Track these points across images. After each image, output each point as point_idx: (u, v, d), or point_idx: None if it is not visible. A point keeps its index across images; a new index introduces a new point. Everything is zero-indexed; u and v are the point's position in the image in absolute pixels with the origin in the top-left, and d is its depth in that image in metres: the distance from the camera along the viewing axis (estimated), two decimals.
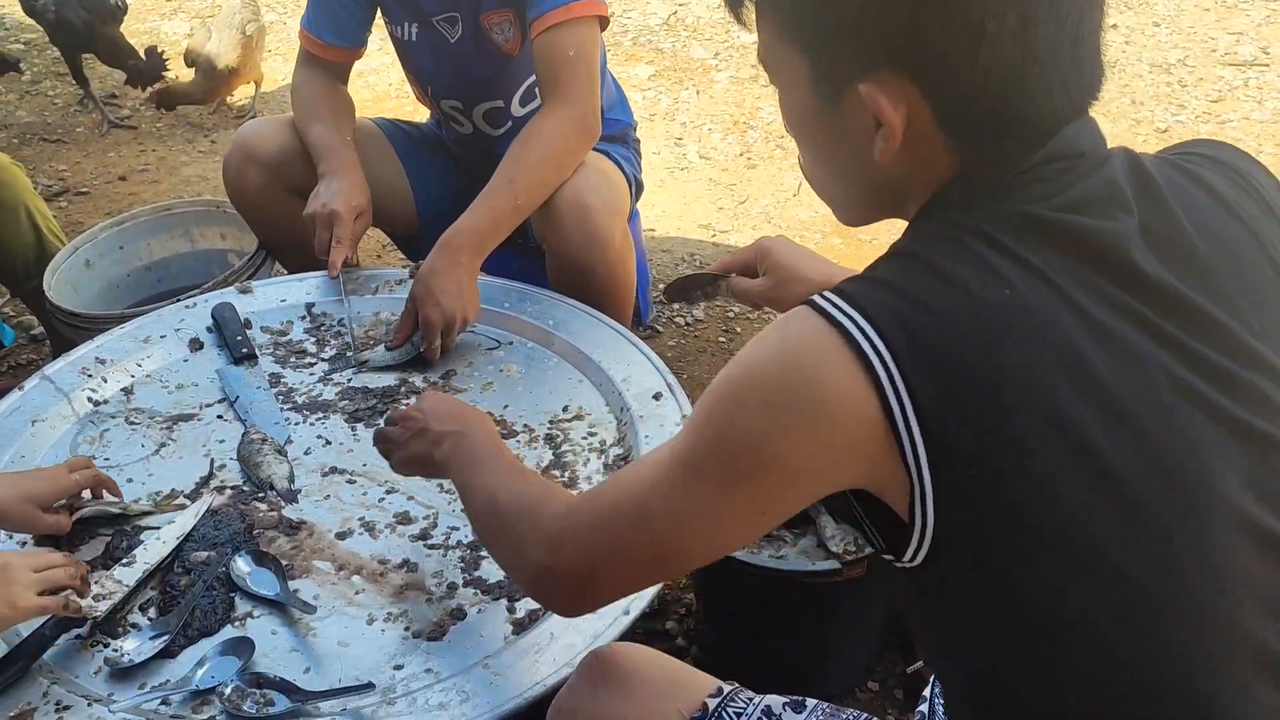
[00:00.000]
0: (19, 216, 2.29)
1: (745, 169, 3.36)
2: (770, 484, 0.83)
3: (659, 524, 0.88)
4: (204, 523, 1.49)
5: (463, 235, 1.80)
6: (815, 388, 0.79)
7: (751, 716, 1.01)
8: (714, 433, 0.84)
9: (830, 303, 0.80)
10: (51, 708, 1.22)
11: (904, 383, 0.76)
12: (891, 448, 0.78)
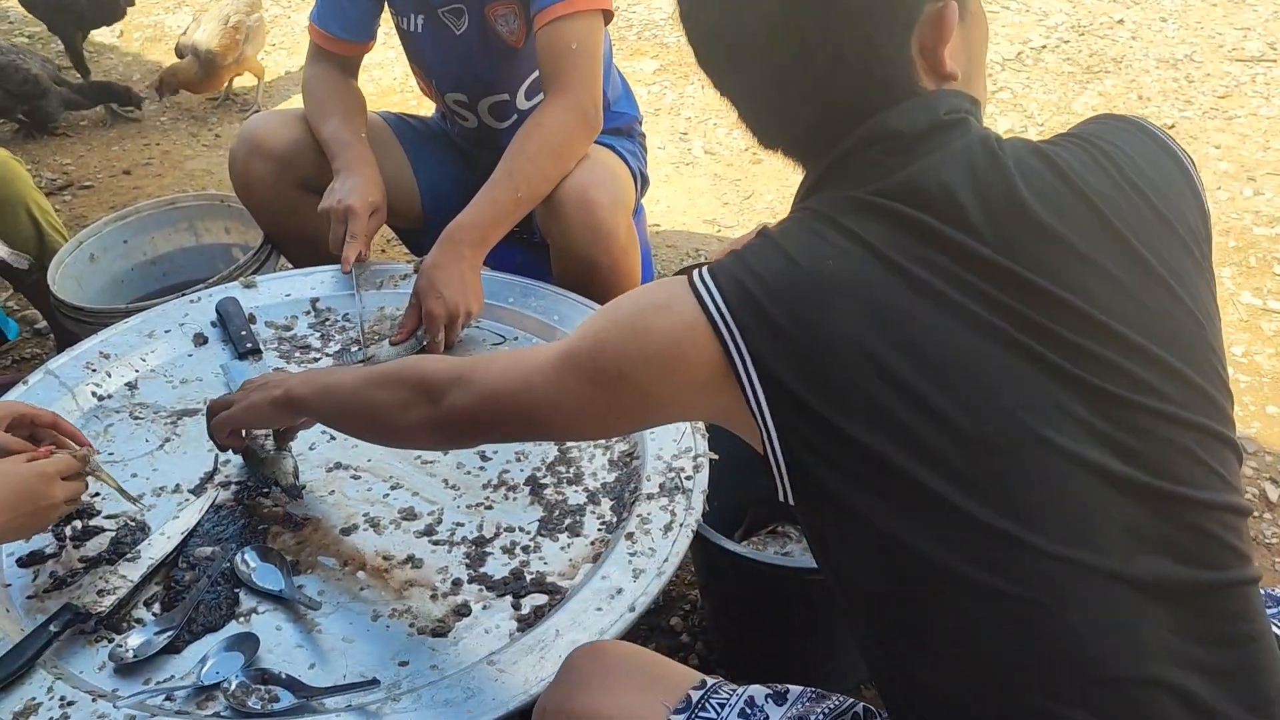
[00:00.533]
0: (19, 213, 2.28)
1: (750, 164, 3.35)
2: (624, 393, 0.99)
3: (534, 396, 1.06)
4: (208, 518, 1.49)
5: (465, 229, 1.80)
6: (670, 333, 0.95)
7: (735, 708, 1.02)
8: (594, 341, 1.01)
9: (698, 271, 0.96)
10: (56, 703, 1.21)
11: (741, 337, 0.91)
12: (736, 393, 0.92)
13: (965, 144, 0.94)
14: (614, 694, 1.03)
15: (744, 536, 1.94)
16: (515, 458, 1.59)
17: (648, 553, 1.38)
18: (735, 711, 1.02)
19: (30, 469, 1.30)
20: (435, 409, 1.15)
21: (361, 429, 1.31)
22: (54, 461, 1.33)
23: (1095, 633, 0.86)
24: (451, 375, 1.14)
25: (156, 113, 3.87)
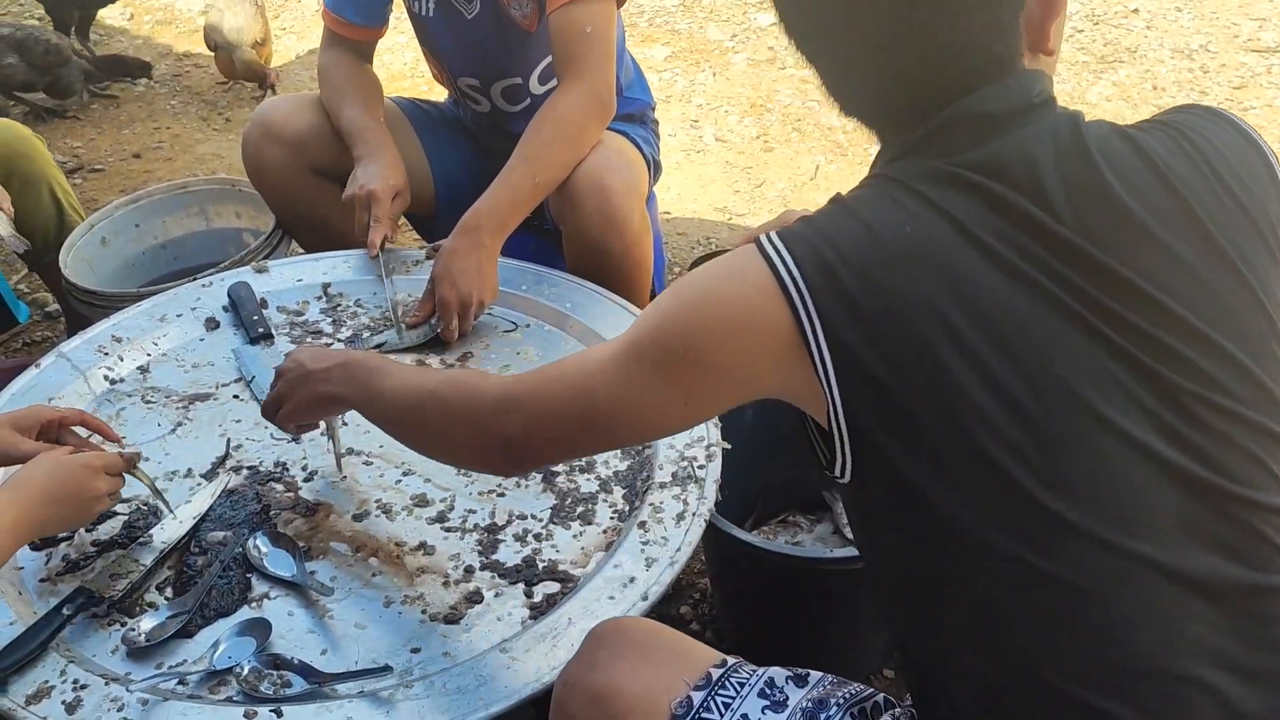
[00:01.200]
0: (41, 190, 2.28)
1: (762, 152, 3.33)
2: (696, 374, 0.95)
3: (596, 398, 1.01)
4: (220, 503, 1.49)
5: (483, 216, 1.79)
6: (740, 299, 0.92)
7: (755, 687, 1.02)
8: (655, 323, 0.98)
9: (768, 239, 0.93)
10: (69, 686, 1.21)
11: (813, 302, 0.88)
12: (805, 361, 0.90)
13: (1052, 123, 0.92)
14: (635, 669, 1.03)
15: (755, 526, 1.93)
16: None
17: (660, 541, 1.38)
18: (755, 691, 1.02)
19: (75, 460, 1.31)
20: (489, 439, 1.10)
21: (416, 448, 1.26)
22: (99, 455, 1.35)
23: (1138, 624, 0.86)
24: (499, 399, 1.09)
25: (166, 96, 3.86)
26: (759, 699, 1.02)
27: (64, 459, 1.31)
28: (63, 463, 1.30)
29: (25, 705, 1.19)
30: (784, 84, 3.65)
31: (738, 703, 1.01)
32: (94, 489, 1.31)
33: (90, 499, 1.31)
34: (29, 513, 1.25)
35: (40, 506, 1.26)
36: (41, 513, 1.26)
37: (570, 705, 1.05)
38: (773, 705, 1.01)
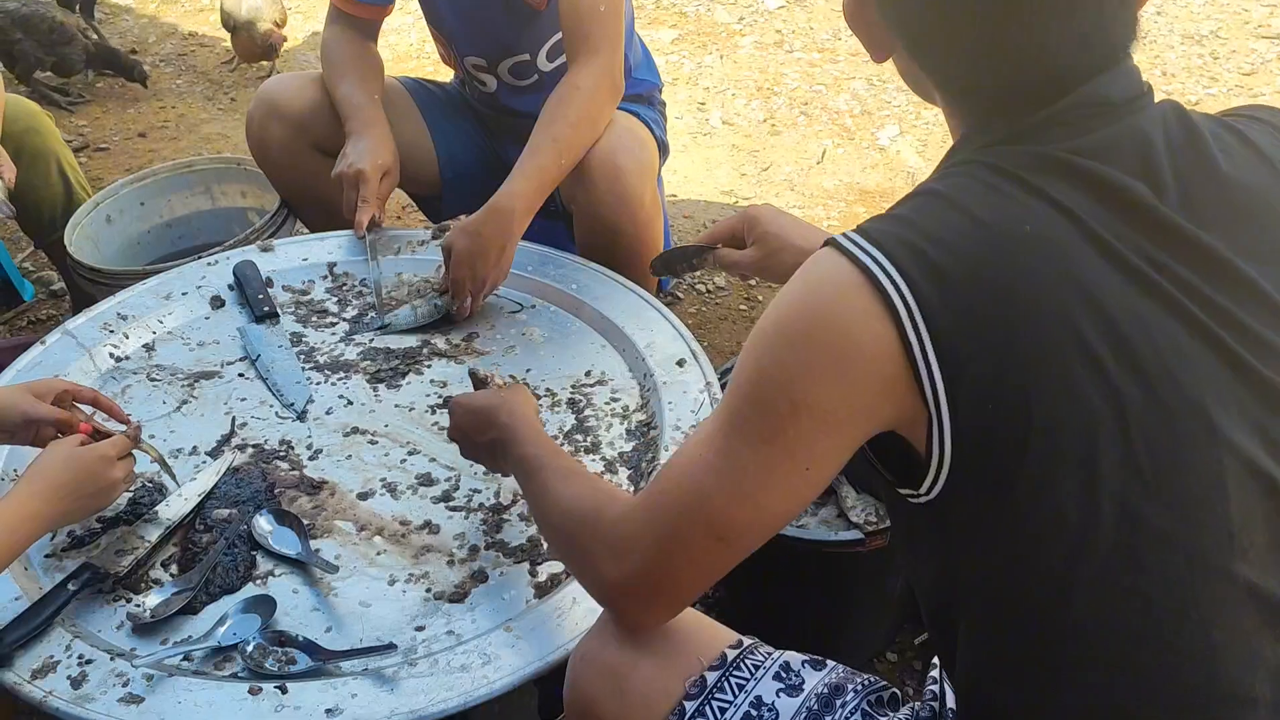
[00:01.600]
0: (50, 165, 2.28)
1: (769, 135, 3.32)
2: (807, 430, 0.84)
3: (710, 498, 0.88)
4: (225, 481, 1.49)
5: (515, 198, 1.76)
6: (837, 323, 0.82)
7: (770, 670, 1.02)
8: (746, 384, 0.87)
9: (851, 241, 0.83)
10: (74, 661, 1.22)
11: (921, 315, 0.79)
12: (911, 382, 0.80)
13: (1160, 109, 0.88)
14: (650, 648, 1.01)
15: None
16: None
17: None
18: (770, 674, 1.01)
19: (90, 453, 1.32)
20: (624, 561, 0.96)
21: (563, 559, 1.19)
22: (111, 444, 1.35)
23: (1227, 647, 0.82)
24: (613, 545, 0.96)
25: (171, 75, 3.85)
26: (774, 681, 1.01)
27: (79, 452, 1.31)
28: (78, 455, 1.30)
29: (31, 679, 1.20)
30: (791, 67, 3.63)
31: (752, 685, 1.00)
32: (111, 479, 1.32)
33: (108, 488, 1.32)
34: (50, 505, 1.26)
35: (61, 500, 1.27)
36: (62, 505, 1.27)
37: (584, 680, 1.04)
38: (788, 689, 1.00)
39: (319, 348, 1.76)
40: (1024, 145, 0.85)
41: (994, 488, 0.82)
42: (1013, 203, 0.82)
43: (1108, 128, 0.85)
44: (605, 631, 1.05)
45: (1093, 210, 0.82)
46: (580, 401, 1.63)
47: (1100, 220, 0.82)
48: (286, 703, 1.18)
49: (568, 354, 1.74)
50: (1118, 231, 0.82)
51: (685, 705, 0.99)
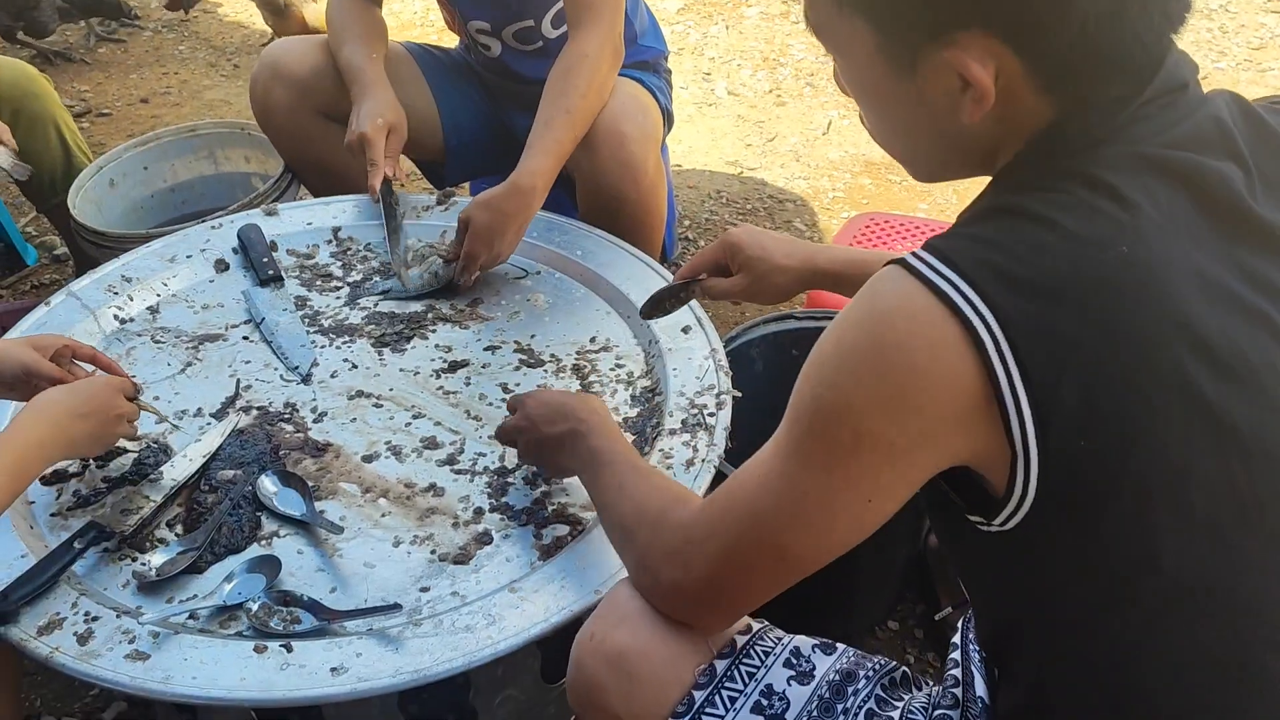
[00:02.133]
0: (48, 130, 2.27)
1: (774, 106, 3.30)
2: (869, 462, 0.79)
3: (770, 520, 0.86)
4: (230, 442, 1.49)
5: (536, 175, 1.74)
6: (909, 357, 0.75)
7: (780, 657, 1.00)
8: (806, 413, 0.81)
9: (923, 262, 0.75)
10: (80, 618, 1.22)
11: (1010, 348, 0.72)
12: (993, 419, 0.74)
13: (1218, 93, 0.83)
14: (660, 630, 0.98)
15: None
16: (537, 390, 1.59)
17: None
18: (780, 661, 0.99)
19: (96, 379, 1.34)
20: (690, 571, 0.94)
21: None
22: (115, 378, 1.37)
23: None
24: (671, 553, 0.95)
25: (174, 41, 3.83)
26: (784, 669, 0.99)
27: (83, 381, 1.33)
28: (82, 383, 1.32)
29: (37, 636, 1.20)
30: (797, 38, 3.61)
31: (762, 673, 0.98)
32: (117, 405, 1.32)
33: (114, 416, 1.32)
34: (57, 428, 1.25)
35: (68, 421, 1.26)
36: (70, 428, 1.26)
37: (591, 663, 1.00)
38: (798, 676, 0.99)
39: (324, 311, 1.76)
40: (1116, 145, 0.78)
41: (1080, 523, 0.77)
42: (1106, 219, 0.75)
43: (1191, 116, 0.79)
44: (612, 613, 1.01)
45: (1189, 218, 0.76)
46: (585, 368, 1.63)
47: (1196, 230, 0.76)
48: (291, 661, 1.18)
49: (572, 320, 1.73)
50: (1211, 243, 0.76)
51: (695, 695, 0.97)
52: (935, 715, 0.99)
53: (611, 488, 1.10)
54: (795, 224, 2.78)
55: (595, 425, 1.20)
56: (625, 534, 1.05)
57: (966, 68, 0.78)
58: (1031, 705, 0.90)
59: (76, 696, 1.68)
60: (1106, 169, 0.76)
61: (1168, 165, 0.77)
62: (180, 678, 1.16)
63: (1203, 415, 0.74)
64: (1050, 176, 0.78)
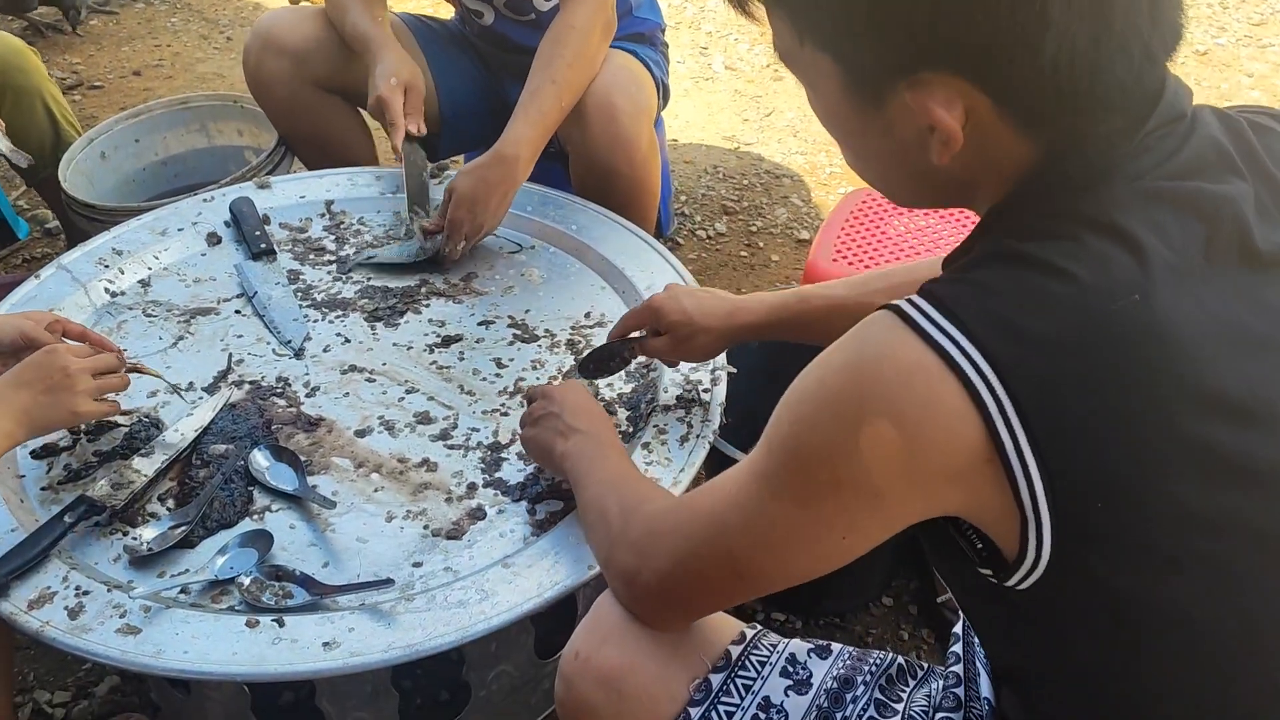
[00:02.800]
0: (34, 104, 2.25)
1: (771, 81, 3.28)
2: (848, 505, 0.75)
3: (733, 538, 0.83)
4: (222, 417, 1.48)
5: (521, 145, 1.74)
6: (901, 415, 0.70)
7: (776, 666, 0.98)
8: (784, 448, 0.78)
9: (919, 310, 0.71)
10: (71, 592, 1.22)
11: (1015, 408, 0.68)
12: (998, 480, 0.70)
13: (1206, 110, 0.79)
14: (643, 649, 0.96)
15: None
16: (531, 365, 1.58)
17: (663, 463, 1.38)
18: (777, 670, 0.97)
19: (41, 352, 1.30)
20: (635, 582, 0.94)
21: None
22: (70, 346, 1.34)
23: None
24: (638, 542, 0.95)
25: (166, 13, 3.79)
26: (781, 679, 0.97)
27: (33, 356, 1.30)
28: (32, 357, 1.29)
29: (28, 610, 1.20)
30: None
31: (759, 684, 0.96)
32: (62, 365, 1.28)
33: (61, 377, 1.27)
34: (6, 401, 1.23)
35: (10, 392, 1.24)
36: (14, 401, 1.24)
37: (579, 683, 0.97)
38: (796, 685, 0.97)
39: (316, 285, 1.75)
40: (1119, 182, 0.73)
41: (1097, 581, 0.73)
42: (1115, 266, 0.70)
43: (1188, 141, 0.75)
44: (600, 626, 0.98)
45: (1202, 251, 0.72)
46: (579, 343, 1.62)
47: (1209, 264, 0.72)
48: (283, 635, 1.18)
49: (567, 295, 1.72)
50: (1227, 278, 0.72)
51: (690, 712, 0.94)
52: (937, 718, 0.98)
53: (599, 480, 1.10)
54: (792, 199, 2.76)
55: (610, 440, 1.19)
56: (601, 519, 1.04)
57: (929, 111, 0.73)
58: None
59: (69, 671, 1.68)
60: (1113, 209, 0.72)
61: (1176, 197, 0.73)
62: (172, 652, 1.15)
63: (1223, 468, 0.71)
64: (1053, 220, 0.73)
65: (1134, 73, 0.71)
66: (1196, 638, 0.74)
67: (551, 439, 1.24)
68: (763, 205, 2.75)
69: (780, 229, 2.66)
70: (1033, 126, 0.74)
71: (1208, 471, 0.70)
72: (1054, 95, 0.71)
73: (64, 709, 1.63)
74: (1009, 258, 0.73)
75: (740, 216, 2.71)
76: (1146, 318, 0.69)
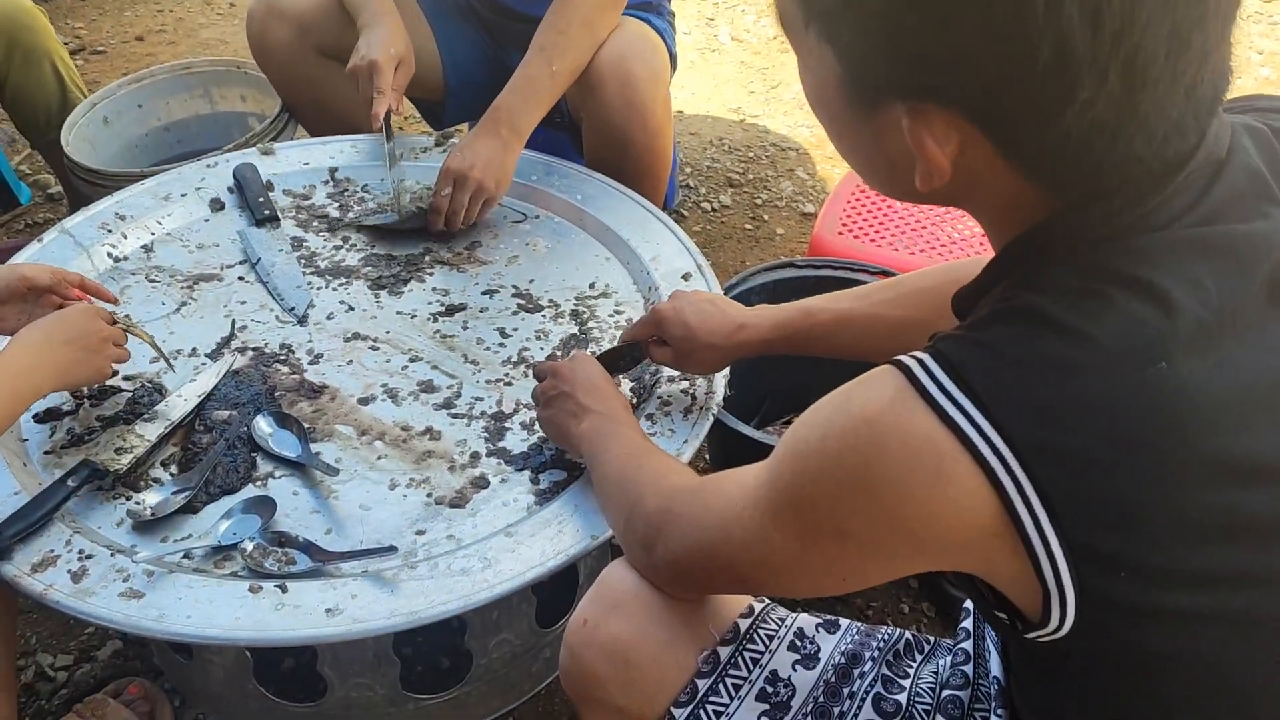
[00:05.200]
0: (43, 64, 2.23)
1: (779, 53, 3.26)
2: (849, 553, 0.75)
3: (738, 553, 0.83)
4: (225, 383, 1.48)
5: (500, 110, 1.75)
6: (903, 487, 0.68)
7: (784, 640, 0.98)
8: (789, 495, 0.76)
9: (930, 376, 0.67)
10: (74, 556, 1.22)
11: (1035, 488, 0.65)
12: (1016, 550, 0.67)
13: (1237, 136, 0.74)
14: (652, 620, 0.96)
15: (759, 427, 1.93)
16: (535, 336, 1.57)
17: (667, 434, 1.37)
18: (784, 645, 0.97)
19: (74, 307, 1.34)
20: (651, 554, 0.95)
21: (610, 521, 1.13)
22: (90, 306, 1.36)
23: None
24: (653, 517, 0.94)
25: None
26: (789, 653, 0.97)
27: (67, 308, 1.33)
28: (67, 310, 1.33)
29: (31, 573, 1.20)
30: None
31: (766, 658, 0.96)
32: (99, 329, 1.31)
33: (98, 340, 1.31)
34: (42, 357, 1.25)
35: (52, 349, 1.26)
36: (56, 356, 1.26)
37: (586, 653, 0.97)
38: (804, 659, 0.97)
39: (320, 252, 1.74)
40: (1148, 232, 0.69)
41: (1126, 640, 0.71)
42: (1143, 328, 0.66)
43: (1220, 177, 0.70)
44: (608, 595, 0.98)
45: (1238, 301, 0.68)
46: (584, 314, 1.61)
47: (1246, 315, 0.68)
48: (286, 601, 1.18)
49: (571, 265, 1.71)
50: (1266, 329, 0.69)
51: (697, 684, 0.94)
52: (943, 697, 0.97)
53: (616, 456, 1.10)
54: (798, 173, 2.75)
55: (625, 419, 1.19)
56: (618, 492, 1.04)
57: (921, 143, 0.69)
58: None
59: (72, 635, 1.68)
60: (1140, 262, 0.68)
61: (1208, 245, 0.68)
62: (175, 616, 1.16)
63: (1255, 529, 0.68)
64: (1077, 274, 0.69)
65: (1153, 147, 0.67)
66: (1225, 687, 0.73)
67: (566, 421, 1.24)
68: (768, 178, 2.74)
69: (785, 202, 2.65)
70: (1041, 177, 0.70)
71: (1238, 534, 0.68)
72: (1063, 159, 0.68)
73: (66, 672, 1.64)
74: (1027, 316, 0.68)
75: (745, 189, 2.70)
76: (1174, 384, 0.65)
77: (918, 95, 0.68)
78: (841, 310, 1.24)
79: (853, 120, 0.75)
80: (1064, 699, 0.81)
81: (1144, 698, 0.74)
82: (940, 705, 0.97)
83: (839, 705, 0.96)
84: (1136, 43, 0.62)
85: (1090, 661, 0.74)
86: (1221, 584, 0.69)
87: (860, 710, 0.96)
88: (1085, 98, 0.64)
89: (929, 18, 0.65)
